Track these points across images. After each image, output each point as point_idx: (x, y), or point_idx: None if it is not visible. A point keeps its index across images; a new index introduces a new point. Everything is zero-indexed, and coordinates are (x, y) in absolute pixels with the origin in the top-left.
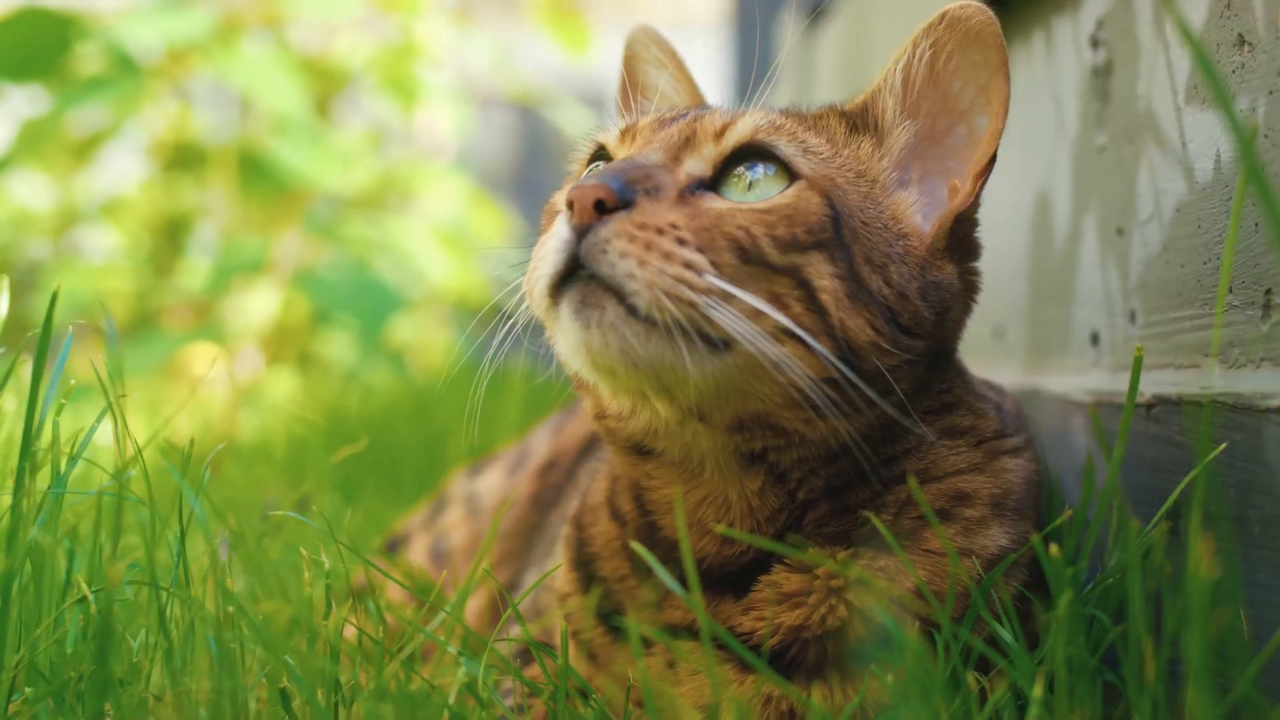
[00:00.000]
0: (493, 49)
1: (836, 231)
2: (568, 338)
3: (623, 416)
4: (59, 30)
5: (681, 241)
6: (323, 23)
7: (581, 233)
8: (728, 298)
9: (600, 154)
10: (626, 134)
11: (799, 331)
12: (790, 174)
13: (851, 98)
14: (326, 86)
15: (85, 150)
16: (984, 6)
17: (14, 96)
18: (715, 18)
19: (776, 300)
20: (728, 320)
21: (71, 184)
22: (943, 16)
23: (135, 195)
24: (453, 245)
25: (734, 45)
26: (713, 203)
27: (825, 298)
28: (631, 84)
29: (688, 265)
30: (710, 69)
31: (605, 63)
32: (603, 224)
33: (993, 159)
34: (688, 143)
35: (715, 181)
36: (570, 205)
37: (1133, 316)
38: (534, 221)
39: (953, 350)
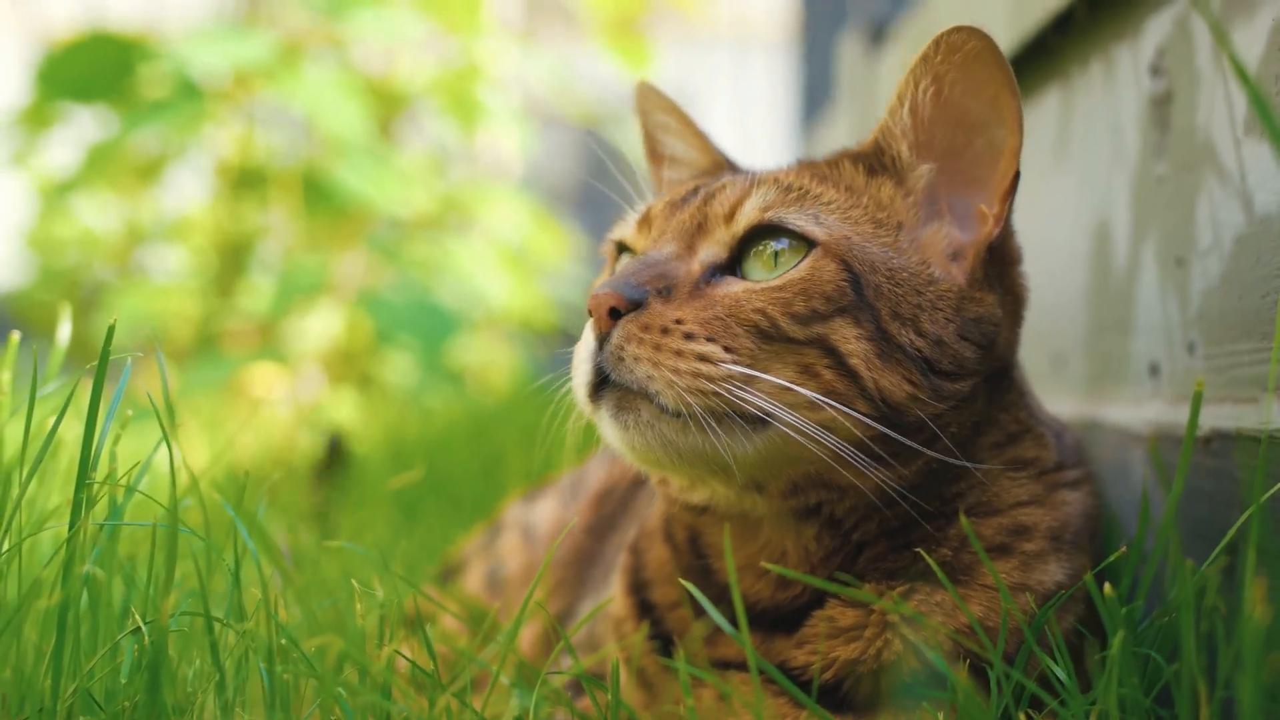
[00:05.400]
0: (555, 69)
1: (858, 293)
2: (612, 438)
3: (684, 489)
4: (123, 54)
5: (689, 336)
6: (384, 45)
7: (602, 341)
8: (750, 379)
9: (625, 245)
10: (643, 223)
11: (825, 401)
12: (807, 242)
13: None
14: (388, 108)
15: (150, 172)
16: (976, 29)
17: (81, 119)
18: (779, 33)
19: (806, 371)
20: (756, 400)
21: (137, 205)
22: (937, 45)
23: (199, 217)
24: (515, 266)
25: (799, 62)
26: (729, 288)
27: (855, 361)
28: (650, 150)
29: (701, 358)
30: (774, 85)
31: (665, 80)
32: (615, 329)
33: (1016, 176)
34: (700, 229)
35: (737, 260)
36: (590, 313)
37: (1192, 348)
38: (599, 238)
39: (1010, 365)
